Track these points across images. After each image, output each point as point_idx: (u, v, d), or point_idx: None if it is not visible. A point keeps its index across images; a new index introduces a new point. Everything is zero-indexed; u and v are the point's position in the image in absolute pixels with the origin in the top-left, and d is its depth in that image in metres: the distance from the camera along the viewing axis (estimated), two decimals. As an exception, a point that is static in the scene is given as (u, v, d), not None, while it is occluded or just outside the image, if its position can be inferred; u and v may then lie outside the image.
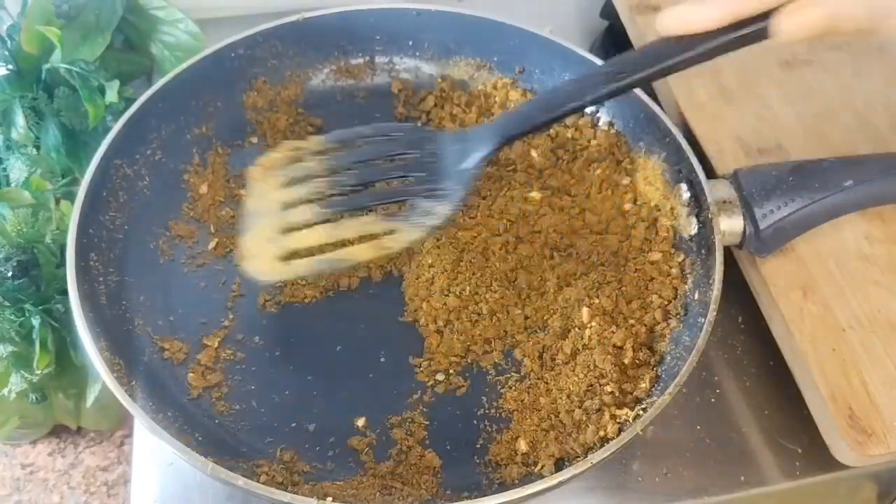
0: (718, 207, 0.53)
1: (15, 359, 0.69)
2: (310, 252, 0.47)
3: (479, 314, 0.53)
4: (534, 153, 0.62)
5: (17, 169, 0.66)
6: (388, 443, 0.48)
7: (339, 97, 0.65)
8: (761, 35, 0.43)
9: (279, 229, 0.48)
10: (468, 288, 0.53)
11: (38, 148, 0.68)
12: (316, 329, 0.54)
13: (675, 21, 0.44)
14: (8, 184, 0.67)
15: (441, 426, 0.49)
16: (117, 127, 0.55)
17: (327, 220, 0.48)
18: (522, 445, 0.47)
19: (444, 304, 0.53)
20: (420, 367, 0.52)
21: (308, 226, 0.48)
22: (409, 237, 0.48)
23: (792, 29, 0.42)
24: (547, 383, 0.50)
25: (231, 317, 0.53)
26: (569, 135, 0.62)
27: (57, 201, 0.68)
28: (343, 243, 0.48)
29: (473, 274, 0.54)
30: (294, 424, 0.49)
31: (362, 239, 0.48)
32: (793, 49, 0.67)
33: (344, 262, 0.48)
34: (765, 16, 0.42)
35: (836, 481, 0.52)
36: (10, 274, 0.64)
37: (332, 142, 0.51)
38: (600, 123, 0.62)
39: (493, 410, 0.50)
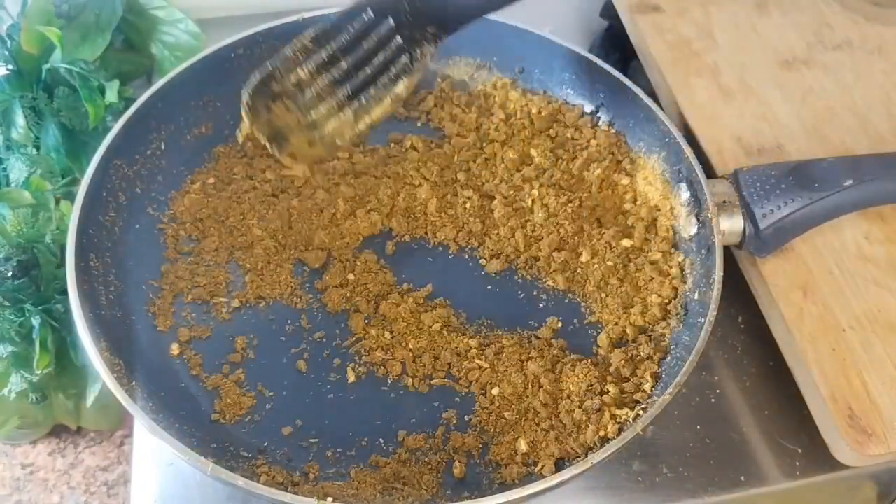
0: (718, 207, 0.53)
1: (15, 359, 0.69)
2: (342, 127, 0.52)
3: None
4: (534, 153, 0.62)
5: (17, 169, 0.66)
6: (389, 442, 0.48)
7: (339, 97, 0.65)
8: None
9: (307, 125, 0.52)
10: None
11: (38, 148, 0.68)
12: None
13: None
14: (8, 184, 0.67)
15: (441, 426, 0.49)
16: (117, 127, 0.55)
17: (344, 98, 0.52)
18: (522, 445, 0.47)
19: None
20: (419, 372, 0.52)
21: (331, 110, 0.52)
22: (413, 81, 0.52)
23: None
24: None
25: (232, 317, 0.53)
26: (569, 135, 0.62)
27: (57, 201, 0.68)
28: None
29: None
30: (294, 425, 0.49)
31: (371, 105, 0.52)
32: (793, 49, 0.67)
33: (375, 122, 0.52)
34: None
35: (836, 481, 0.52)
36: (10, 274, 0.64)
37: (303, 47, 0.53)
38: (600, 123, 0.62)
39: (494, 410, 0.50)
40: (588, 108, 0.62)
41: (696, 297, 0.51)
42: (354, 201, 0.58)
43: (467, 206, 0.58)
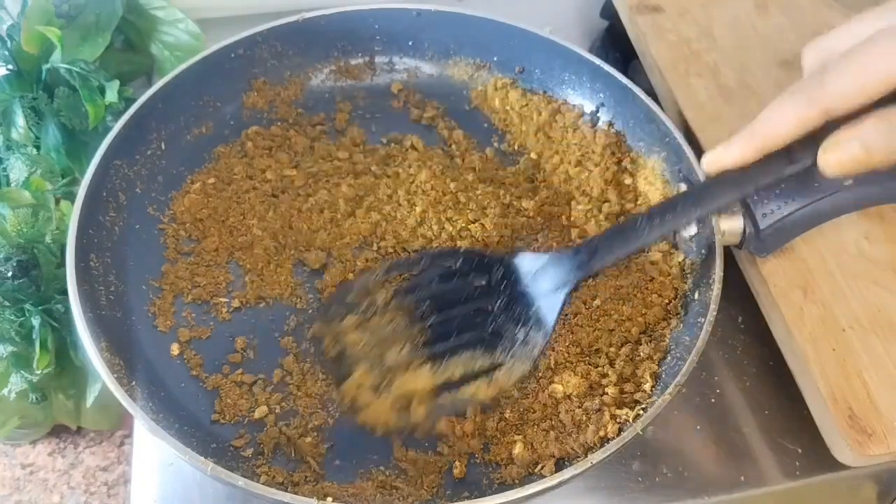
0: (718, 207, 0.53)
1: (15, 359, 0.69)
2: (419, 395, 0.47)
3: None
4: (533, 155, 0.62)
5: (17, 169, 0.66)
6: (391, 443, 0.48)
7: (339, 97, 0.66)
8: (811, 173, 0.45)
9: (379, 376, 0.48)
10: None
11: (38, 148, 0.68)
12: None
13: (709, 163, 0.47)
14: (8, 184, 0.67)
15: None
16: (117, 127, 0.55)
17: (426, 361, 0.48)
18: (522, 445, 0.47)
19: None
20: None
21: (408, 368, 0.48)
22: (520, 370, 0.49)
23: (833, 166, 0.43)
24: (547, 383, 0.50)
25: (232, 317, 0.53)
26: (569, 135, 0.62)
27: (57, 201, 0.68)
28: (450, 383, 0.48)
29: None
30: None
31: (467, 378, 0.48)
32: (793, 49, 0.67)
33: (464, 403, 0.48)
34: (812, 149, 0.43)
35: (836, 481, 0.52)
36: (10, 274, 0.64)
37: (391, 272, 0.52)
38: (600, 123, 0.62)
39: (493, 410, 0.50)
40: (588, 108, 0.62)
41: (696, 297, 0.51)
42: (354, 201, 0.59)
43: (468, 205, 0.58)
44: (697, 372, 0.51)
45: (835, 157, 0.42)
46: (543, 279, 0.51)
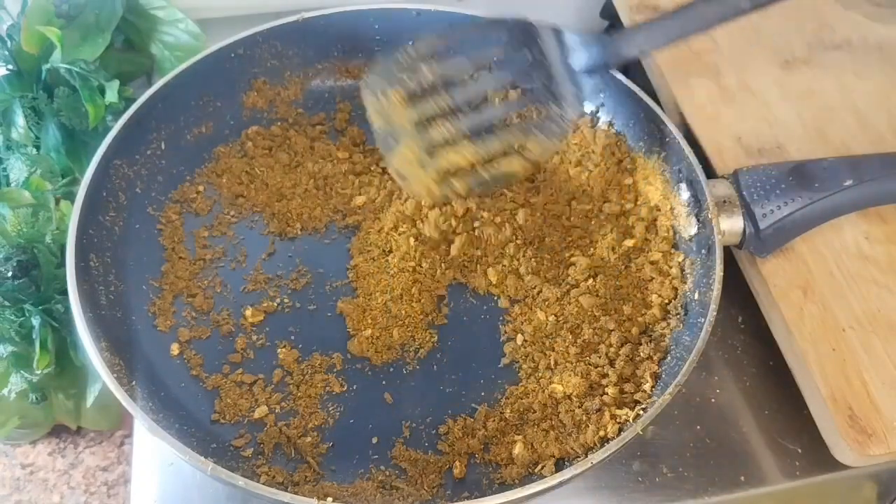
0: (718, 207, 0.53)
1: (15, 359, 0.69)
2: (462, 170, 0.49)
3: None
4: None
5: (17, 169, 0.66)
6: (391, 443, 0.48)
7: (339, 97, 0.65)
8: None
9: (424, 149, 0.49)
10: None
11: (38, 148, 0.68)
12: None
13: None
14: (8, 184, 0.67)
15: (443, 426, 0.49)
16: (117, 127, 0.55)
17: (467, 136, 0.49)
18: (522, 446, 0.47)
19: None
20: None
21: (450, 143, 0.49)
22: (551, 146, 0.49)
23: None
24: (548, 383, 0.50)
25: (232, 319, 0.53)
26: (569, 135, 0.62)
27: (57, 201, 0.68)
28: (490, 158, 0.49)
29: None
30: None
31: (507, 152, 0.49)
32: (793, 49, 0.67)
33: (500, 177, 0.49)
34: None
35: (836, 481, 0.52)
36: (10, 274, 0.64)
37: (431, 50, 0.51)
38: (600, 123, 0.62)
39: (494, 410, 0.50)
40: (588, 108, 0.62)
41: (696, 297, 0.51)
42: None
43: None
44: (697, 372, 0.51)
45: None
46: (585, 58, 0.51)
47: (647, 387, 0.48)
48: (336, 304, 0.54)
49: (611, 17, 0.76)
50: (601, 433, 0.46)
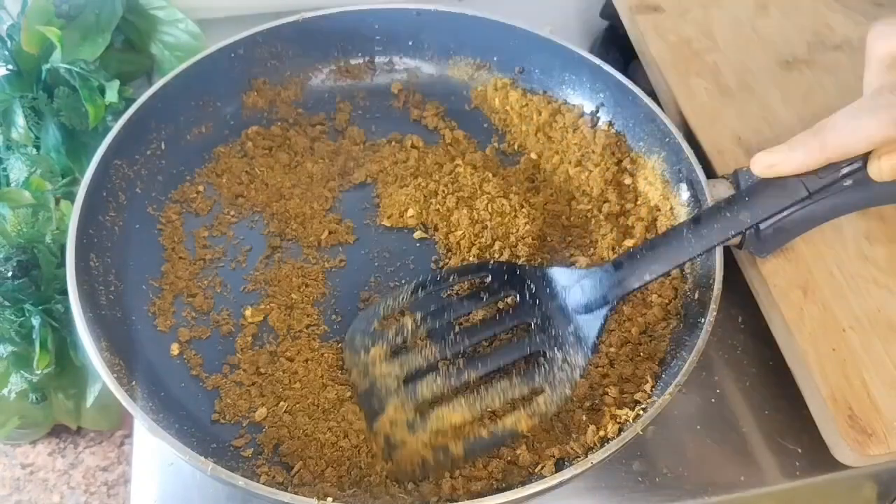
0: (718, 207, 0.52)
1: (15, 359, 0.69)
2: (457, 430, 0.45)
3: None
4: (533, 155, 0.62)
5: (17, 169, 0.66)
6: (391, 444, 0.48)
7: (339, 97, 0.66)
8: (860, 181, 0.44)
9: (414, 410, 0.46)
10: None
11: (38, 148, 0.68)
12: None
13: (764, 166, 0.45)
14: (8, 184, 0.67)
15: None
16: (117, 127, 0.55)
17: (460, 391, 0.46)
18: (523, 446, 0.47)
19: None
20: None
21: (443, 400, 0.46)
22: (561, 396, 0.46)
23: (888, 171, 0.43)
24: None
25: (232, 319, 0.53)
26: (569, 135, 0.62)
27: (57, 201, 0.68)
28: (489, 415, 0.46)
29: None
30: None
31: (506, 407, 0.46)
32: (793, 49, 0.67)
33: (505, 436, 0.46)
34: (861, 159, 0.43)
35: (836, 481, 0.52)
36: (10, 274, 0.64)
37: (414, 301, 0.49)
38: (600, 123, 0.62)
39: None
40: (588, 108, 0.62)
41: (696, 297, 0.51)
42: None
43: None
44: (697, 372, 0.51)
45: (889, 164, 0.42)
46: (581, 296, 0.47)
47: (647, 387, 0.48)
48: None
49: (611, 18, 0.76)
50: (601, 433, 0.46)
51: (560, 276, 0.49)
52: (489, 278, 0.50)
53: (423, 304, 0.50)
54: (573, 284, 0.48)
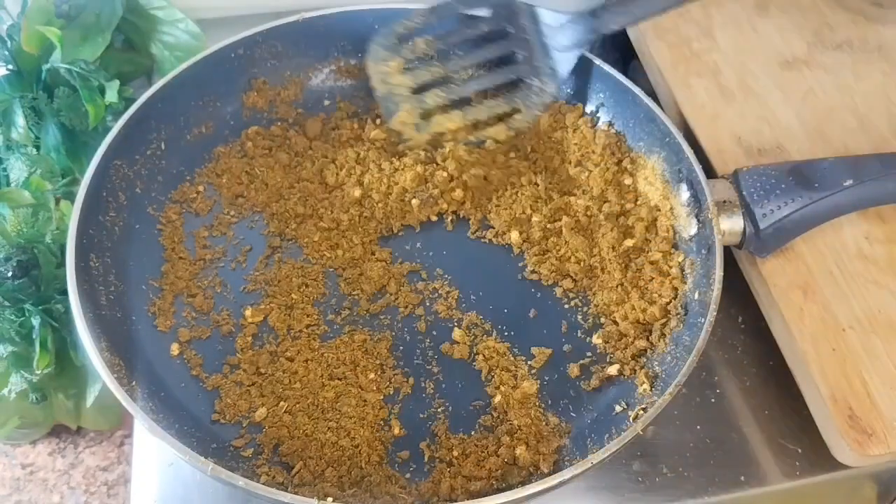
0: (718, 207, 0.53)
1: (15, 359, 0.69)
2: (452, 133, 0.57)
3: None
4: (533, 155, 0.62)
5: (17, 169, 0.66)
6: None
7: (339, 97, 0.65)
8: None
9: (420, 113, 0.58)
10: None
11: (38, 148, 0.68)
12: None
13: None
14: (8, 184, 0.67)
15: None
16: (117, 127, 0.55)
17: (457, 105, 0.57)
18: (524, 446, 0.47)
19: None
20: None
21: (443, 110, 0.57)
22: (532, 116, 0.58)
23: None
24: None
25: (232, 319, 0.53)
26: (569, 135, 0.62)
27: (57, 201, 0.68)
28: (476, 125, 0.58)
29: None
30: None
31: (490, 120, 0.58)
32: (793, 49, 0.67)
33: (486, 139, 0.58)
34: None
35: (836, 481, 0.52)
36: (10, 274, 0.64)
37: (425, 24, 0.58)
38: (600, 123, 0.62)
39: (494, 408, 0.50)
40: (588, 108, 0.62)
41: (696, 297, 0.51)
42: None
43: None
44: (697, 372, 0.51)
45: None
46: (563, 35, 0.56)
47: (646, 387, 0.48)
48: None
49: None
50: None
51: (548, 16, 0.57)
52: (488, 11, 0.58)
53: (434, 27, 0.59)
54: (557, 26, 0.56)
